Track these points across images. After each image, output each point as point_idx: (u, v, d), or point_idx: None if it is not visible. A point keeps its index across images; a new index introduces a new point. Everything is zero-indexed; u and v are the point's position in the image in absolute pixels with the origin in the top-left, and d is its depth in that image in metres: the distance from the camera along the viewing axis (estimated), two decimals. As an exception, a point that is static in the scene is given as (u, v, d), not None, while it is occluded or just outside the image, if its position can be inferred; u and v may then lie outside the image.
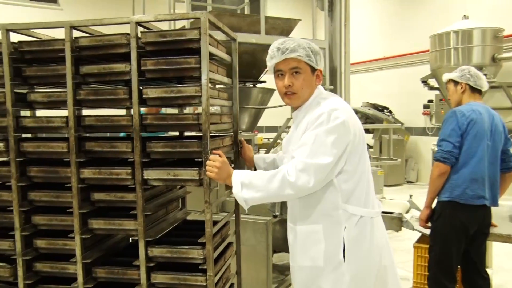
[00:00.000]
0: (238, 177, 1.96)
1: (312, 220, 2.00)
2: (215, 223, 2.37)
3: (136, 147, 2.10)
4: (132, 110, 2.12)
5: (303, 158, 1.86)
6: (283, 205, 3.19)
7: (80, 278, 2.21)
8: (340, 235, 1.95)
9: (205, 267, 2.09)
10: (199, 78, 2.04)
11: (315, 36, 5.66)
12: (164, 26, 5.15)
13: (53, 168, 2.25)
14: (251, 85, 5.41)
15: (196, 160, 2.15)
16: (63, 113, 2.19)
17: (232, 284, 2.62)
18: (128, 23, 2.07)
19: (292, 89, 2.02)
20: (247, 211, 2.06)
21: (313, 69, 2.03)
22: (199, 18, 2.00)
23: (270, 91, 5.42)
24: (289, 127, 4.75)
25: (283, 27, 5.21)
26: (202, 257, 2.09)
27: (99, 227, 2.21)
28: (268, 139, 9.56)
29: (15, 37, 2.26)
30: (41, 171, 2.27)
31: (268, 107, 5.50)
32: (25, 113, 2.47)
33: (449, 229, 3.09)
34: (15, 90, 2.27)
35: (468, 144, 3.05)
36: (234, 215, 2.64)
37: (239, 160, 2.59)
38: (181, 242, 2.23)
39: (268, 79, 5.79)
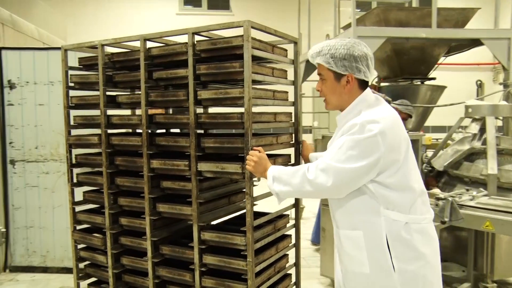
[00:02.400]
0: (271, 171, 2.09)
1: (352, 225, 1.97)
2: (264, 214, 2.56)
3: (191, 142, 2.39)
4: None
5: (327, 159, 1.89)
6: (453, 211, 3.05)
7: (149, 253, 2.60)
8: (383, 242, 1.89)
9: (246, 253, 2.29)
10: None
11: (498, 25, 5.05)
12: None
13: (132, 158, 2.67)
14: (419, 83, 5.23)
15: (239, 155, 2.35)
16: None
17: (289, 274, 2.77)
18: (186, 33, 2.37)
19: (321, 94, 2.06)
20: (278, 204, 2.16)
21: (340, 75, 1.96)
22: (242, 26, 2.20)
23: (440, 88, 5.14)
24: (461, 126, 4.53)
25: (458, 18, 4.93)
26: (244, 243, 2.30)
27: (164, 210, 2.57)
28: (437, 139, 8.93)
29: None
30: (123, 160, 2.71)
31: (438, 106, 5.10)
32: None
33: None
34: (107, 93, 2.75)
35: None
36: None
37: (299, 157, 2.71)
38: (233, 229, 2.47)
39: (439, 76, 5.47)
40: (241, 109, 2.27)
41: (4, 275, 4.49)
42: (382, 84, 5.59)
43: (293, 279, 2.83)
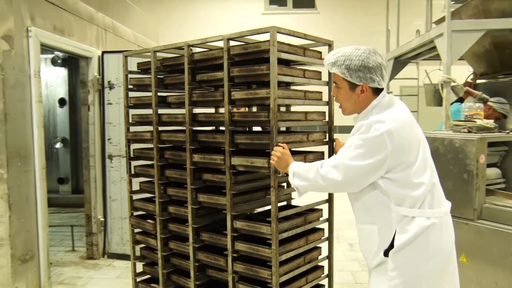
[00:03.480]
0: (292, 167, 2.25)
1: (368, 220, 2.10)
2: (292, 207, 2.73)
3: (226, 139, 2.62)
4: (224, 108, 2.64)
5: (338, 156, 2.03)
6: None
7: (190, 239, 2.88)
8: (390, 234, 2.00)
9: (270, 241, 2.47)
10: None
11: None
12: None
13: (178, 152, 2.96)
14: None
15: (266, 150, 2.54)
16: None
17: (320, 266, 2.90)
18: (222, 40, 2.60)
19: (337, 101, 2.18)
20: (298, 198, 2.30)
21: (354, 85, 2.06)
22: (269, 32, 2.39)
23: None
24: None
25: None
26: (270, 232, 2.48)
27: (204, 200, 2.82)
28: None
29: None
30: (171, 154, 3.02)
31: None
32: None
33: None
34: (159, 94, 3.07)
35: None
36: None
37: (333, 155, 2.83)
38: (264, 219, 2.66)
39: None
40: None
41: (103, 260, 4.97)
42: (479, 81, 5.32)
43: (326, 272, 2.95)
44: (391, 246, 2.00)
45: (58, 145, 7.77)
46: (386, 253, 2.02)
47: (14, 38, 3.42)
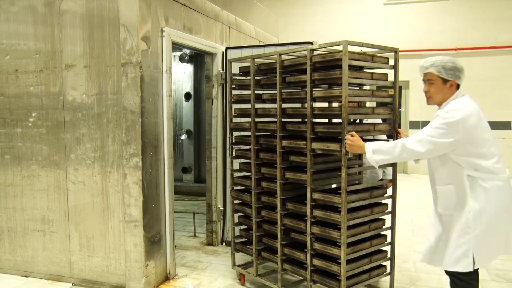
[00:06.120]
0: (370, 146, 2.93)
1: (445, 182, 2.87)
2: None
3: (308, 128, 3.33)
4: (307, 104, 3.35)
5: (422, 133, 2.78)
6: None
7: (278, 207, 3.63)
8: (465, 191, 2.76)
9: (340, 209, 3.15)
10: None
11: None
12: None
13: (270, 139, 3.73)
14: None
15: (339, 137, 3.20)
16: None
17: (384, 235, 3.51)
18: (306, 50, 3.31)
19: (428, 94, 2.92)
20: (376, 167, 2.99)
21: (446, 80, 2.81)
22: (340, 44, 3.05)
23: None
24: None
25: None
26: (340, 202, 3.15)
27: (289, 177, 3.57)
28: None
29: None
30: (265, 140, 3.80)
31: None
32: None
33: None
34: (256, 92, 3.86)
35: None
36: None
37: None
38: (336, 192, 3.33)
39: None
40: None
41: (221, 248, 5.19)
42: None
43: (389, 239, 3.55)
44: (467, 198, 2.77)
45: (183, 137, 8.36)
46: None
47: (151, 38, 3.82)
